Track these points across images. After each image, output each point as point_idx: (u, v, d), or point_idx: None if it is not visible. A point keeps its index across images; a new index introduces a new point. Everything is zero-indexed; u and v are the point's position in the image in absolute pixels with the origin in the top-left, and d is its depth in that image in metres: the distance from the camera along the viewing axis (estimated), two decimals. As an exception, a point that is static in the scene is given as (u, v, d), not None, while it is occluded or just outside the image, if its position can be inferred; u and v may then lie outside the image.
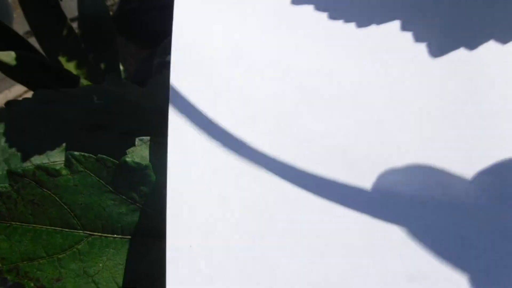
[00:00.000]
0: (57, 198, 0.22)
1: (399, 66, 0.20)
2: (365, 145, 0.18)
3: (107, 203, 0.22)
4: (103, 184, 0.21)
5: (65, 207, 0.22)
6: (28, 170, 0.21)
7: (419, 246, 0.17)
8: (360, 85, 0.19)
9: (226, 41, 0.20)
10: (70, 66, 0.46)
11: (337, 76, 0.20)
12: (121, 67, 0.53)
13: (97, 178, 0.21)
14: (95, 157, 0.21)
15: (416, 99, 0.19)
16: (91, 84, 0.43)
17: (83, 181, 0.21)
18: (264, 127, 0.19)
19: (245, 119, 0.19)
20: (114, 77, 0.28)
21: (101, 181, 0.21)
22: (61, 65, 0.45)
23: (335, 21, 0.20)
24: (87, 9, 0.49)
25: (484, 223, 0.17)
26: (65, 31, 0.46)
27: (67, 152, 0.21)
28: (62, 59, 0.46)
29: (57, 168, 0.21)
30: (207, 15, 0.21)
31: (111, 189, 0.21)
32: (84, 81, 0.42)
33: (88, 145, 0.24)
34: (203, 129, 0.19)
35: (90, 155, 0.21)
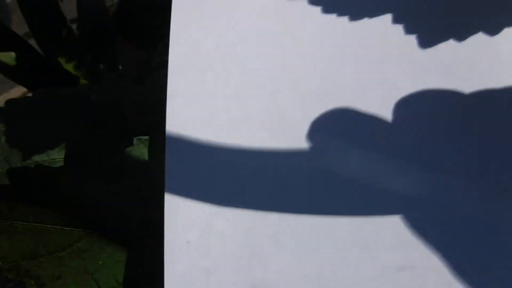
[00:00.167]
0: (57, 196, 0.22)
1: (393, 59, 0.20)
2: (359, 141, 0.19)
3: (107, 201, 0.22)
4: (102, 182, 0.22)
5: (65, 205, 0.22)
6: (28, 168, 0.22)
7: (408, 237, 0.17)
8: (355, 80, 0.20)
9: (222, 40, 0.21)
10: (69, 67, 0.46)
11: (331, 72, 0.20)
12: (120, 67, 0.53)
13: (96, 177, 0.21)
14: (94, 156, 0.21)
15: (409, 93, 0.19)
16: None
17: (82, 180, 0.22)
18: (260, 125, 0.19)
19: (241, 118, 0.19)
20: (113, 77, 0.28)
21: (100, 179, 0.22)
22: (61, 65, 0.45)
23: (329, 14, 0.21)
24: (86, 10, 0.49)
25: (473, 214, 0.17)
26: (64, 32, 0.46)
27: (66, 153, 0.21)
28: (61, 60, 0.46)
29: (57, 166, 0.22)
30: (204, 15, 0.21)
31: (111, 186, 0.22)
32: (83, 82, 0.42)
33: (87, 144, 0.24)
34: (200, 127, 0.19)
35: (89, 154, 0.21)
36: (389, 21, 0.20)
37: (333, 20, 0.20)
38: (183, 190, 0.18)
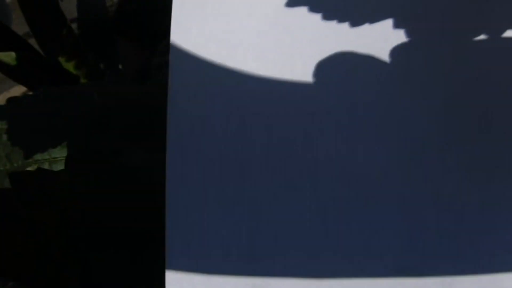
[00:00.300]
0: (56, 198, 0.22)
1: (395, 64, 0.20)
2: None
3: (107, 204, 0.22)
4: (102, 185, 0.21)
5: (65, 207, 0.22)
6: (28, 173, 0.22)
7: (407, 239, 0.17)
8: (355, 86, 0.20)
9: (223, 42, 0.21)
10: (69, 66, 0.46)
11: (332, 78, 0.20)
12: (120, 67, 0.53)
13: (96, 179, 0.21)
14: (94, 159, 0.21)
15: (412, 100, 0.19)
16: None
17: (82, 182, 0.22)
18: (260, 127, 0.19)
19: (242, 119, 0.19)
20: (113, 75, 0.28)
21: (99, 182, 0.21)
22: (61, 65, 0.45)
23: (329, 21, 0.21)
24: (86, 9, 0.49)
25: (469, 216, 0.17)
26: (64, 32, 0.46)
27: (67, 155, 0.21)
28: (61, 59, 0.46)
29: (56, 171, 0.22)
30: (205, 16, 0.21)
31: (110, 189, 0.22)
32: (83, 81, 0.42)
33: (88, 142, 0.24)
34: (201, 129, 0.19)
35: (88, 158, 0.21)
36: (391, 26, 0.20)
37: (333, 25, 0.20)
38: (184, 192, 0.18)
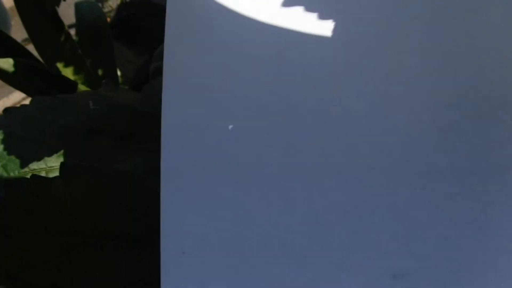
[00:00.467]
0: (51, 206, 0.22)
1: (393, 61, 0.20)
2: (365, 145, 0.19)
3: (102, 210, 0.22)
4: (97, 193, 0.21)
5: (60, 215, 0.22)
6: (23, 180, 0.21)
7: (402, 245, 0.17)
8: (354, 80, 0.19)
9: (217, 47, 0.20)
10: (67, 72, 0.46)
11: (330, 75, 0.20)
12: (119, 72, 0.54)
13: (91, 187, 0.21)
14: (89, 167, 0.21)
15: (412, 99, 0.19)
16: (88, 89, 0.43)
17: (77, 190, 0.21)
18: (254, 131, 0.19)
19: (235, 124, 0.19)
20: (110, 83, 0.28)
21: (94, 189, 0.21)
22: (59, 71, 0.45)
23: (325, 21, 0.20)
24: (84, 15, 0.49)
25: (467, 221, 0.17)
26: (62, 38, 0.46)
27: (61, 162, 0.21)
28: (59, 65, 0.46)
29: (52, 177, 0.21)
30: (200, 20, 0.21)
31: (107, 197, 0.21)
32: (81, 87, 0.42)
33: (84, 151, 0.24)
34: (195, 134, 0.19)
35: (83, 164, 0.21)
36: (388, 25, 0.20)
37: (329, 24, 0.20)
38: (178, 199, 0.18)
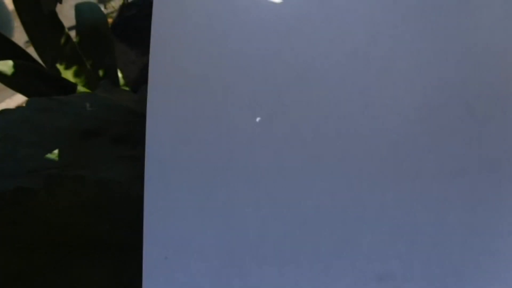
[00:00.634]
0: (37, 217, 0.21)
1: (384, 60, 0.19)
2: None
3: (88, 220, 0.21)
4: (82, 202, 0.21)
5: (45, 226, 0.21)
6: (7, 192, 0.21)
7: (387, 247, 0.17)
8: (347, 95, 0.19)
9: (203, 53, 0.20)
10: (68, 74, 0.46)
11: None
12: (120, 73, 0.53)
13: (76, 197, 0.21)
14: (74, 177, 0.21)
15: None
16: (89, 91, 0.43)
17: (62, 201, 0.21)
18: (241, 133, 0.19)
19: (220, 127, 0.19)
20: (108, 84, 0.28)
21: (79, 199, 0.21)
22: (59, 73, 0.45)
23: (317, 20, 0.20)
24: (84, 17, 0.49)
25: (454, 222, 0.17)
26: (62, 40, 0.47)
27: (45, 173, 0.21)
28: (60, 67, 0.46)
29: (36, 188, 0.21)
30: (186, 18, 0.21)
31: (91, 207, 0.21)
32: (81, 89, 0.42)
33: (80, 152, 0.24)
34: (180, 140, 0.19)
35: (68, 175, 0.21)
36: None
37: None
38: (161, 206, 0.18)
